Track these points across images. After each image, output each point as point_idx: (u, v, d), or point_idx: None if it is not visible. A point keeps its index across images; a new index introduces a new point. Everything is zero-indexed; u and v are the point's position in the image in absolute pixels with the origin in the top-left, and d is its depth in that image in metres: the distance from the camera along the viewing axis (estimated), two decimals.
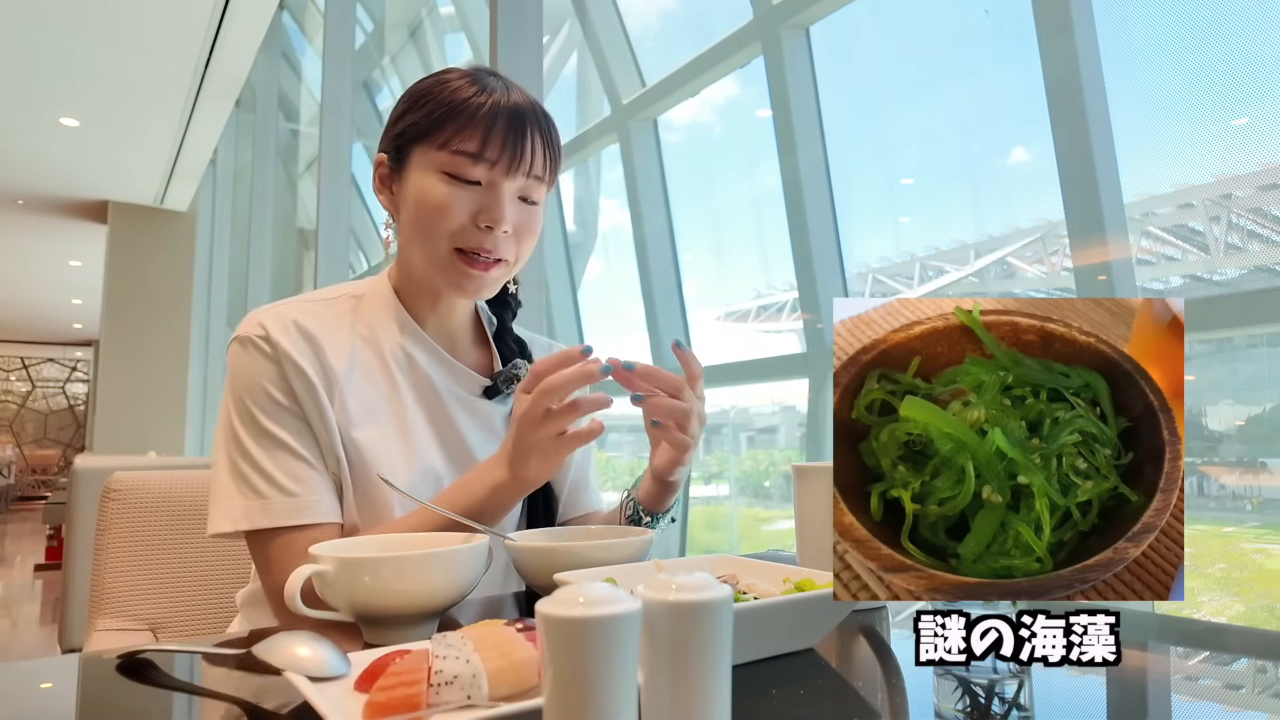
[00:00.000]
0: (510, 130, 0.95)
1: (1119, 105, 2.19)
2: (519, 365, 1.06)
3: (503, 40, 2.44)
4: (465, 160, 0.94)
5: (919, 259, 3.32)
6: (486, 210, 0.95)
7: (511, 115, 0.95)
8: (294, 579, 0.70)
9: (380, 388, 0.98)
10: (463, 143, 0.94)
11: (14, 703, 0.62)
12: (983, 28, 2.95)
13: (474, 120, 0.94)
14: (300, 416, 0.92)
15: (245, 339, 0.94)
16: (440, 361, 1.03)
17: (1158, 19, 2.42)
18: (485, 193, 0.95)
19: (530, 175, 0.97)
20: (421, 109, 0.97)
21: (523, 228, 0.99)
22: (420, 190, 0.96)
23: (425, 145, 0.96)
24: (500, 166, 0.95)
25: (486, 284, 0.99)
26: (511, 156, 0.95)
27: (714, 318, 4.17)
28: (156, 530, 1.28)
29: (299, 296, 1.02)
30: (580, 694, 0.38)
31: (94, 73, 5.53)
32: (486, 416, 1.05)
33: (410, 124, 0.97)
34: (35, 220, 8.77)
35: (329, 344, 0.96)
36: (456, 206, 0.94)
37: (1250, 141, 2.15)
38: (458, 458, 1.01)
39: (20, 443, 17.26)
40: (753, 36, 3.31)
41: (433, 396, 1.01)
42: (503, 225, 0.95)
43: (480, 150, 0.94)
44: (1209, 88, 2.26)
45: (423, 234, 0.96)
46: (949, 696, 0.57)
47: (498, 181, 0.96)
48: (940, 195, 3.31)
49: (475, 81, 0.97)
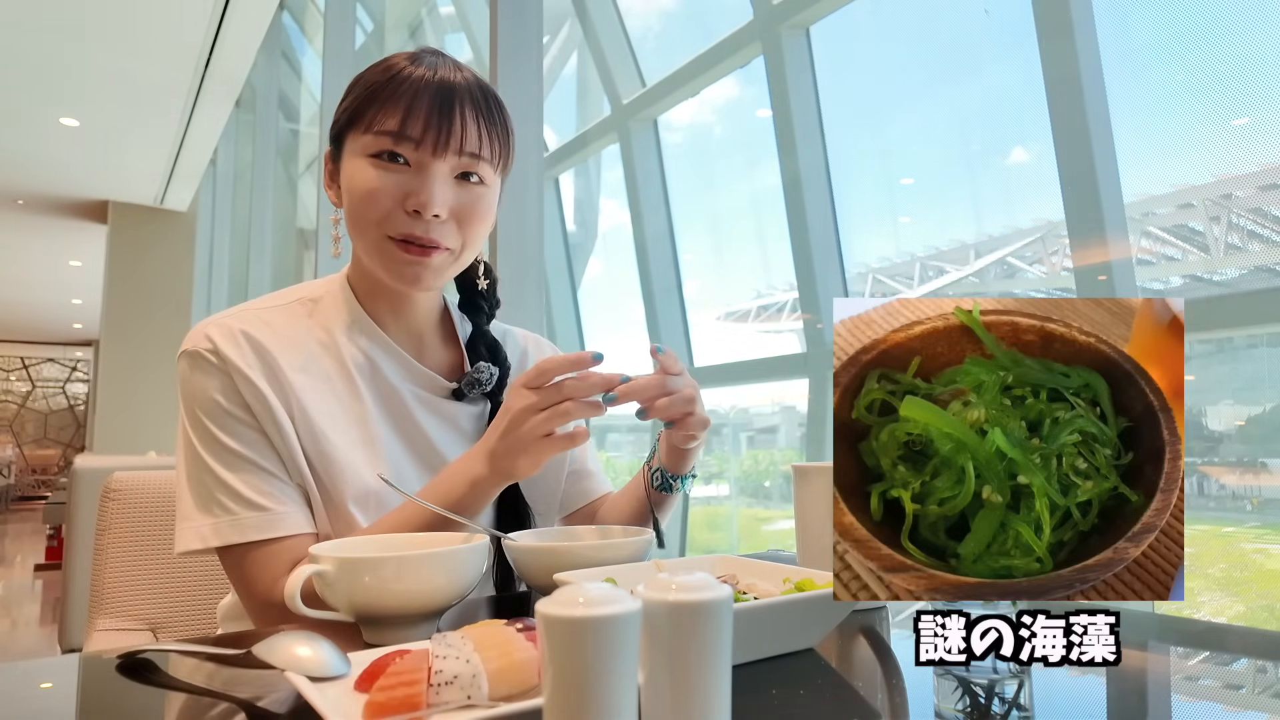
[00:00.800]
0: (435, 105, 0.89)
1: (1119, 105, 2.19)
2: (481, 369, 1.02)
3: (503, 40, 2.44)
4: (387, 139, 0.89)
5: (919, 259, 3.32)
6: (414, 194, 0.89)
7: (437, 90, 0.90)
8: (294, 579, 0.70)
9: (340, 395, 0.95)
10: (384, 121, 0.89)
11: (14, 703, 0.62)
12: (983, 28, 2.95)
13: (395, 96, 0.89)
14: (257, 429, 0.89)
15: (193, 353, 0.90)
16: (402, 364, 0.99)
17: (1158, 19, 2.42)
18: (414, 175, 0.90)
19: (464, 153, 0.91)
20: (350, 94, 0.93)
21: (465, 210, 0.92)
22: (349, 177, 0.92)
23: (355, 131, 0.92)
24: (426, 145, 0.89)
25: (427, 271, 0.93)
26: (438, 133, 0.89)
27: (714, 318, 4.17)
28: (156, 530, 1.28)
29: (249, 303, 0.98)
30: (580, 694, 0.38)
31: (94, 73, 5.53)
32: (453, 418, 1.02)
33: (342, 110, 0.94)
34: (35, 220, 8.77)
35: (282, 353, 0.92)
36: (383, 193, 0.89)
37: (1250, 141, 2.15)
38: (427, 461, 0.99)
39: (20, 443, 17.26)
40: (753, 36, 3.31)
41: (396, 400, 0.98)
42: (432, 208, 0.89)
43: (400, 128, 0.88)
44: (1209, 88, 2.26)
45: (356, 223, 0.92)
46: (949, 696, 0.57)
47: (425, 161, 0.90)
48: (940, 195, 3.31)
49: (410, 60, 0.92)
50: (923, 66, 3.28)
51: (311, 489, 0.90)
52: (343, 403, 0.95)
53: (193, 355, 0.90)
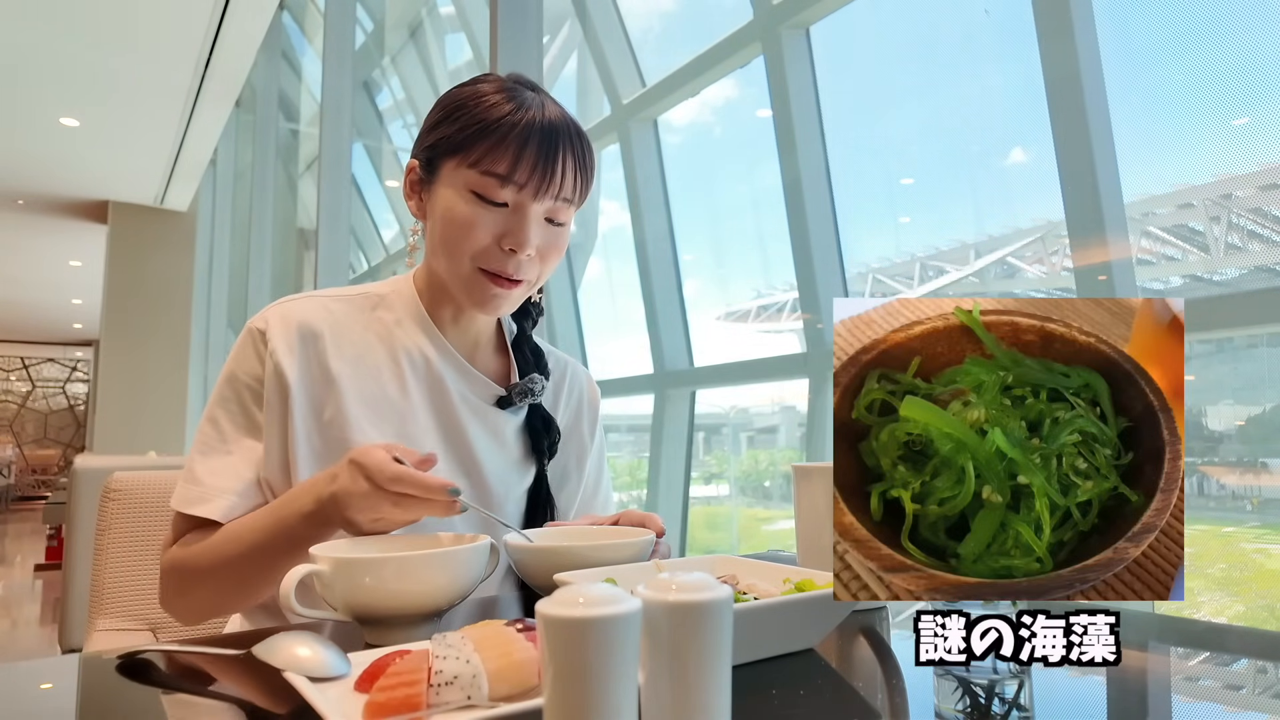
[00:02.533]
0: (541, 152, 0.93)
1: (1119, 105, 2.19)
2: (535, 380, 1.06)
3: (503, 40, 2.44)
4: (494, 182, 0.92)
5: (919, 259, 3.32)
6: (511, 234, 0.94)
7: (544, 136, 0.93)
8: (288, 579, 0.70)
9: (388, 389, 0.98)
10: (493, 163, 0.92)
11: (14, 703, 0.62)
12: (983, 28, 2.95)
13: (505, 140, 0.92)
14: (253, 420, 0.94)
15: (249, 329, 0.97)
16: (456, 367, 1.03)
17: (1158, 19, 2.42)
18: (511, 215, 0.94)
19: (559, 198, 0.96)
20: (454, 123, 0.95)
21: (547, 249, 0.98)
22: (447, 207, 0.95)
23: (456, 161, 0.95)
24: (529, 189, 0.93)
25: (508, 302, 0.98)
26: (541, 179, 0.93)
27: (714, 318, 4.17)
28: (156, 530, 1.28)
29: (321, 291, 1.03)
30: (580, 694, 0.38)
31: (94, 73, 5.53)
32: (496, 426, 1.04)
33: (442, 137, 0.96)
34: (35, 220, 8.76)
35: (335, 342, 0.97)
36: (481, 228, 0.93)
37: (1250, 141, 2.15)
38: (463, 464, 1.01)
39: (20, 443, 17.26)
40: (753, 36, 3.31)
41: (445, 401, 1.01)
42: (526, 249, 0.94)
43: (509, 173, 0.92)
44: (1209, 88, 2.26)
45: (447, 250, 0.96)
46: (949, 696, 0.57)
47: (525, 204, 0.94)
48: (940, 195, 3.31)
49: (511, 97, 0.95)
50: (923, 66, 3.28)
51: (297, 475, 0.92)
52: (389, 398, 0.98)
53: (249, 330, 0.97)
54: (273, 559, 0.86)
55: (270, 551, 0.86)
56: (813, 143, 3.16)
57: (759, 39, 3.27)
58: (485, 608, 0.90)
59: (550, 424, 1.09)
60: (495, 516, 0.89)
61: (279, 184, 7.89)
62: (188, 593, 0.93)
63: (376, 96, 7.25)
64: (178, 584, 0.93)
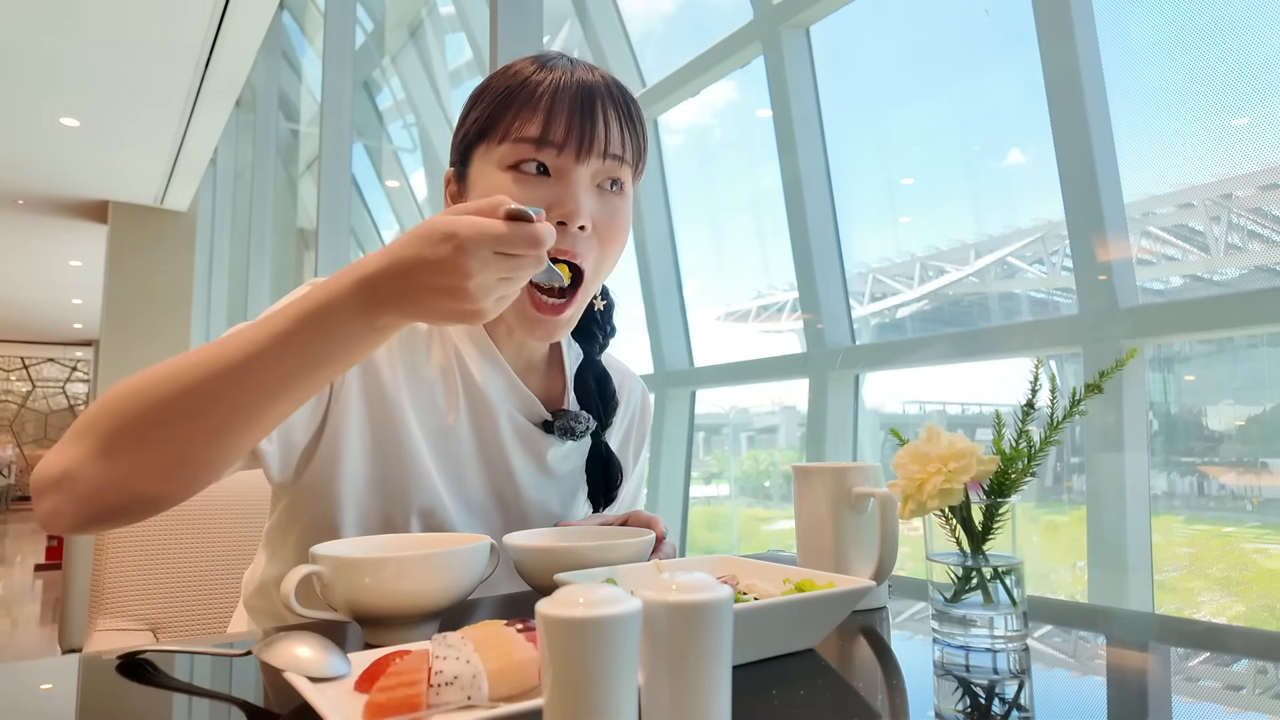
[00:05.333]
0: (577, 106, 0.82)
1: (1119, 105, 2.19)
2: (580, 419, 0.96)
3: (503, 40, 2.44)
4: (528, 146, 0.82)
5: (919, 259, 3.32)
6: (559, 203, 0.82)
7: (578, 90, 0.83)
8: (288, 579, 0.70)
9: (436, 398, 0.93)
10: (523, 128, 0.82)
11: (14, 703, 0.61)
12: (983, 28, 2.95)
13: (533, 100, 0.82)
14: None
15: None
16: (507, 382, 0.95)
17: (1158, 19, 2.42)
18: (555, 183, 0.83)
19: (609, 155, 0.84)
20: (480, 104, 0.86)
21: (606, 223, 0.86)
22: (484, 192, 0.84)
23: (487, 143, 0.85)
24: (570, 149, 0.82)
25: (557, 328, 0.88)
26: (581, 135, 0.82)
27: (714, 318, 4.17)
28: (156, 530, 1.28)
29: None
30: (580, 694, 0.38)
31: (94, 73, 5.52)
32: (537, 449, 0.98)
33: (470, 123, 0.87)
34: (35, 220, 8.76)
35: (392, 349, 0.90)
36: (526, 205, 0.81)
37: (1250, 141, 2.15)
38: (498, 485, 0.96)
39: (20, 443, 17.26)
40: (753, 36, 3.31)
41: (490, 418, 0.94)
42: (579, 219, 0.82)
43: (543, 133, 0.81)
44: (1209, 88, 2.26)
45: None
46: (949, 696, 0.57)
47: (568, 168, 0.83)
48: (940, 195, 3.31)
49: (537, 62, 0.86)
50: (923, 66, 3.28)
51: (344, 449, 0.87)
52: (438, 408, 0.92)
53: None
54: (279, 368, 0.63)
55: (279, 355, 0.63)
56: (813, 143, 3.16)
57: (759, 39, 3.27)
58: (485, 608, 0.90)
59: (610, 465, 1.01)
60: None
61: (279, 184, 7.88)
62: (131, 432, 0.64)
63: (376, 96, 7.25)
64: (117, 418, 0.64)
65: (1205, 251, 2.42)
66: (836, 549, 0.82)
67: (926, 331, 3.35)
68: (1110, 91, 2.20)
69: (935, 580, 0.71)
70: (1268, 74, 2.06)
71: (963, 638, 0.68)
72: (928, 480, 0.68)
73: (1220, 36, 2.21)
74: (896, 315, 3.41)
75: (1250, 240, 2.36)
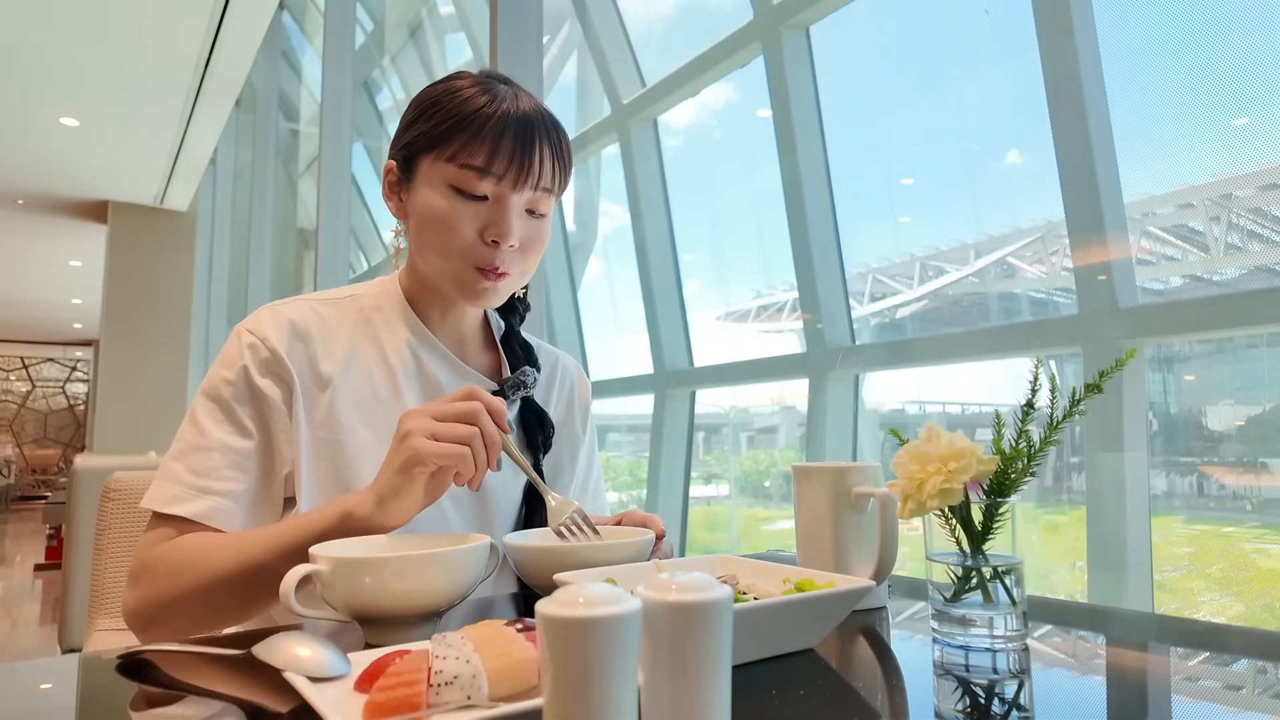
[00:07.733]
0: (518, 142, 0.93)
1: (1119, 105, 2.19)
2: (526, 372, 1.06)
3: (503, 40, 2.44)
4: (472, 174, 0.93)
5: (919, 259, 3.32)
6: (493, 225, 0.94)
7: (520, 126, 0.93)
8: (289, 579, 0.70)
9: (379, 390, 0.98)
10: (470, 156, 0.92)
11: (14, 703, 0.61)
12: (983, 28, 2.95)
13: (481, 132, 0.92)
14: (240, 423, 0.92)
15: (241, 330, 0.96)
16: (449, 364, 1.03)
17: (1158, 19, 2.42)
18: (492, 207, 0.94)
19: (539, 188, 0.96)
20: (430, 119, 0.95)
21: (529, 241, 0.98)
22: (427, 203, 0.95)
23: (433, 157, 0.95)
24: (508, 180, 0.94)
25: (496, 294, 0.99)
26: (519, 169, 0.93)
27: (714, 318, 4.17)
28: None
29: (308, 295, 1.03)
30: (580, 694, 0.38)
31: (94, 73, 5.52)
32: None
33: (419, 134, 0.96)
34: (35, 220, 8.76)
35: (325, 345, 0.97)
36: (464, 222, 0.94)
37: (1250, 141, 2.15)
38: None
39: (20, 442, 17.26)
40: (753, 36, 3.31)
41: (438, 397, 1.00)
42: (509, 240, 0.94)
43: (487, 164, 0.92)
44: (1209, 88, 2.26)
45: (431, 247, 0.96)
46: (949, 696, 0.57)
47: (505, 195, 0.94)
48: (940, 195, 3.31)
49: (485, 90, 0.95)
50: (923, 66, 3.28)
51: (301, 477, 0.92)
52: (380, 398, 0.98)
53: (239, 331, 0.96)
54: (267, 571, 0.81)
55: (268, 563, 0.82)
56: (813, 143, 3.16)
57: (759, 39, 3.27)
58: (485, 608, 0.90)
59: (544, 418, 1.09)
60: (531, 474, 0.88)
61: (279, 184, 7.89)
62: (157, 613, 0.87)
63: (376, 96, 7.25)
64: (148, 591, 0.87)
65: (1205, 251, 2.42)
66: (836, 549, 0.82)
67: (926, 331, 3.35)
68: (1110, 91, 2.20)
69: (935, 580, 0.71)
70: (1268, 74, 2.06)
71: (962, 637, 0.68)
72: (927, 480, 0.68)
73: (1220, 36, 2.21)
74: (896, 315, 3.41)
75: (1250, 240, 2.36)
